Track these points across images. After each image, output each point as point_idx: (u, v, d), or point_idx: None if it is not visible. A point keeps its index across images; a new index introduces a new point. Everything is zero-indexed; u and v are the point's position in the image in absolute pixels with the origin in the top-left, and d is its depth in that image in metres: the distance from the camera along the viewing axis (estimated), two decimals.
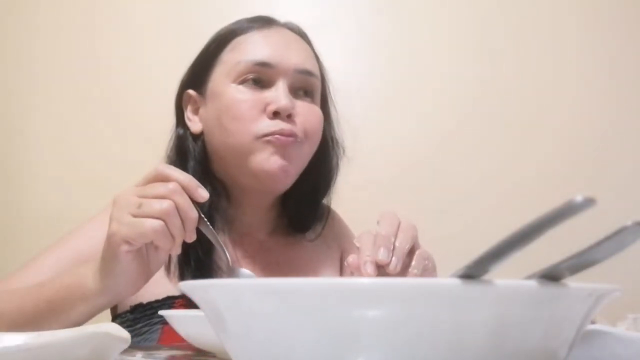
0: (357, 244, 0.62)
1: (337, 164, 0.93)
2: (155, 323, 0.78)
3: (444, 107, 1.68)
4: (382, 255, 0.60)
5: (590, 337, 0.40)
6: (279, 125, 0.79)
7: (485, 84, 1.68)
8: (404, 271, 0.63)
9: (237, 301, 0.29)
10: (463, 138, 1.66)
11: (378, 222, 0.64)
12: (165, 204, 0.60)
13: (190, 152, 0.86)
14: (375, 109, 1.68)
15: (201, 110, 0.87)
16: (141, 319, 0.79)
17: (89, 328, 0.42)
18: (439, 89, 1.69)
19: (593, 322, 0.51)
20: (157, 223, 0.59)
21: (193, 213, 0.62)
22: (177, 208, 0.60)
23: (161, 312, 0.61)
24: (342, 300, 0.26)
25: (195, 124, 0.87)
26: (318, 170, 0.90)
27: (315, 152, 0.87)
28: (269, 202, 0.90)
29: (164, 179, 0.62)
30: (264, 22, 0.88)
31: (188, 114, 0.88)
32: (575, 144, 1.66)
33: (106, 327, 0.40)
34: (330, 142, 0.92)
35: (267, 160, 0.80)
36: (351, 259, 0.62)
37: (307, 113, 0.83)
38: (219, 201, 0.85)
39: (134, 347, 0.67)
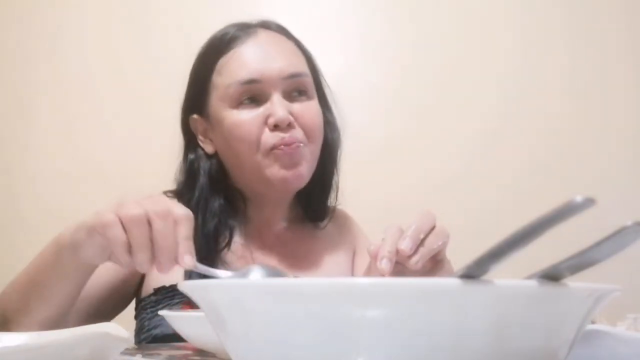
0: (384, 235, 0.61)
1: (338, 144, 0.96)
2: (176, 303, 0.81)
3: (444, 107, 1.68)
4: (404, 245, 0.59)
5: (590, 337, 0.40)
6: (279, 136, 0.84)
7: (487, 83, 1.69)
8: (424, 274, 0.63)
9: (237, 301, 0.29)
10: (469, 138, 1.66)
11: (414, 216, 0.63)
12: (136, 210, 0.57)
13: (203, 170, 0.89)
14: (376, 109, 1.68)
15: (210, 133, 0.91)
16: (163, 300, 0.82)
17: (89, 328, 0.42)
18: (441, 89, 1.69)
19: (593, 322, 0.51)
20: (108, 218, 0.58)
21: (167, 241, 0.57)
22: (152, 229, 0.57)
23: (161, 313, 0.61)
24: (342, 300, 0.26)
25: (208, 146, 0.91)
26: (324, 155, 0.93)
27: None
28: (286, 201, 0.94)
29: (174, 217, 0.59)
30: (242, 33, 0.89)
31: (200, 137, 0.92)
32: (575, 144, 1.66)
33: (106, 327, 0.40)
34: (328, 124, 0.94)
35: (279, 171, 0.84)
36: (373, 247, 0.61)
37: (305, 113, 0.87)
38: (236, 205, 0.90)
39: (134, 347, 0.67)
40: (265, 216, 0.93)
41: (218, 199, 0.88)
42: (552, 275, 0.27)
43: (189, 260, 0.58)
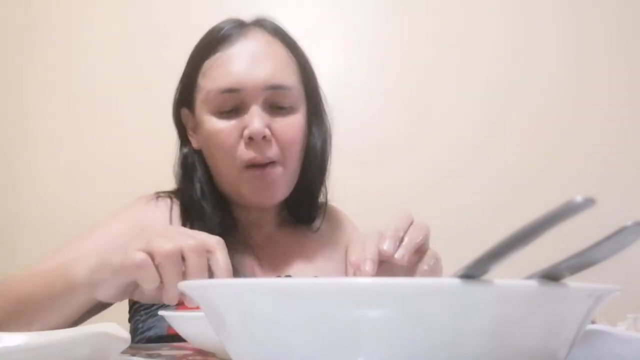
0: (363, 241, 0.61)
1: (325, 152, 0.94)
2: (169, 305, 0.79)
3: (445, 107, 1.68)
4: (387, 246, 0.58)
5: (590, 337, 0.40)
6: (251, 154, 0.82)
7: (487, 82, 1.69)
8: (411, 268, 0.63)
9: (237, 301, 0.28)
10: (466, 138, 1.66)
11: (391, 218, 0.63)
12: (169, 246, 0.55)
13: (196, 167, 0.90)
14: (376, 109, 1.68)
15: (197, 129, 0.90)
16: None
17: (89, 328, 0.42)
18: (440, 88, 1.69)
19: (593, 322, 0.51)
20: (141, 258, 0.55)
21: (200, 278, 0.55)
22: (187, 265, 0.55)
23: (161, 313, 0.61)
24: (342, 300, 0.26)
25: (195, 141, 0.91)
26: (310, 163, 0.92)
27: (304, 147, 0.90)
28: (269, 208, 0.93)
29: (207, 248, 0.57)
30: (234, 32, 0.87)
31: (189, 131, 0.92)
32: (575, 144, 1.66)
33: (106, 327, 0.40)
34: (316, 132, 0.93)
35: (251, 193, 0.85)
36: (353, 257, 0.61)
37: (284, 129, 0.85)
38: (224, 207, 0.89)
39: (134, 347, 0.67)
40: (253, 218, 0.92)
41: (215, 193, 0.88)
42: (552, 275, 0.27)
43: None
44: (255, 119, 0.82)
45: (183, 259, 0.56)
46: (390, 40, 1.71)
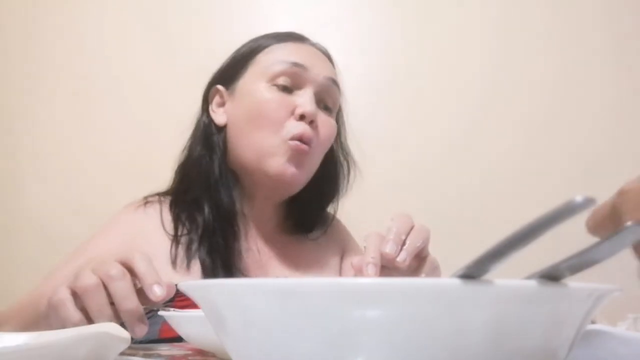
0: (365, 244, 0.62)
1: (346, 174, 0.99)
2: (165, 307, 0.80)
3: (445, 107, 1.68)
4: (389, 249, 0.59)
5: (590, 337, 0.40)
6: (303, 127, 0.86)
7: (488, 83, 1.68)
8: (412, 273, 0.63)
9: (237, 301, 0.28)
10: (467, 138, 1.66)
11: (391, 220, 0.63)
12: (88, 281, 0.55)
13: (215, 143, 0.92)
14: (376, 110, 1.68)
15: (227, 105, 0.93)
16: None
17: (89, 328, 0.42)
18: (441, 89, 1.69)
19: (593, 322, 0.51)
20: (57, 298, 0.55)
21: (128, 304, 0.55)
22: (112, 294, 0.55)
23: (161, 313, 0.61)
24: (342, 300, 0.26)
25: (219, 116, 0.93)
26: (326, 178, 0.96)
27: (324, 161, 0.94)
28: (277, 199, 0.95)
29: (125, 264, 0.57)
30: (297, 37, 0.96)
31: (213, 106, 0.95)
32: (576, 144, 1.66)
33: (106, 327, 0.40)
34: (340, 153, 0.98)
35: (282, 165, 0.86)
36: (356, 260, 0.61)
37: (325, 124, 0.91)
38: (233, 193, 0.91)
39: (134, 347, 0.67)
40: (256, 213, 0.94)
41: (232, 177, 0.90)
42: (552, 275, 0.27)
43: (158, 290, 0.55)
44: (310, 101, 0.88)
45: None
46: (387, 43, 1.71)
